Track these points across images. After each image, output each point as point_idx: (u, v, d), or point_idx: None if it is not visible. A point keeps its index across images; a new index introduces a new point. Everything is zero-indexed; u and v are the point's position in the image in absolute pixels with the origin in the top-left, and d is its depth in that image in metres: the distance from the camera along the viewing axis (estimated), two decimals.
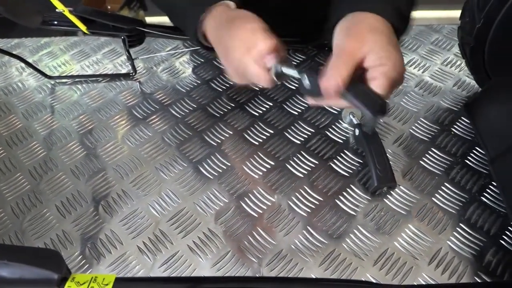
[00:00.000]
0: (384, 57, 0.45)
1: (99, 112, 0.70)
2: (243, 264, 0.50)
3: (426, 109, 0.67)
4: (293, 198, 0.56)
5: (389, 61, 0.45)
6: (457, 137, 0.62)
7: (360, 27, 0.47)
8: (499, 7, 0.52)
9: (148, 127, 0.67)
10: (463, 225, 0.52)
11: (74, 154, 0.63)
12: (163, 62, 0.79)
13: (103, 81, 0.76)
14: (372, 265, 0.49)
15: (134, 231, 0.53)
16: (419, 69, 0.74)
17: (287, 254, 0.50)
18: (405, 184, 0.57)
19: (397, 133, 0.63)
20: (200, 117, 0.68)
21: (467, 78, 0.70)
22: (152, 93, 0.73)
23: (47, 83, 0.76)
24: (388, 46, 0.45)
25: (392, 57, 0.45)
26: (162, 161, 0.61)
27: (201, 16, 0.55)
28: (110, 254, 0.51)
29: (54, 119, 0.69)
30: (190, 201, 0.56)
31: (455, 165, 0.59)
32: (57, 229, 0.54)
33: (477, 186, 0.56)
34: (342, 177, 0.58)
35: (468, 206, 0.54)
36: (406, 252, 0.50)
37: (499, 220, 0.52)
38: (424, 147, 0.61)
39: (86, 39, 0.85)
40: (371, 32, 0.46)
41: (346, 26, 0.48)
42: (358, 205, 0.55)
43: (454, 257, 0.49)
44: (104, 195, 0.58)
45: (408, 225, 0.52)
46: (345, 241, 0.51)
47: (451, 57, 0.76)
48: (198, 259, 0.50)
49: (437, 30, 0.82)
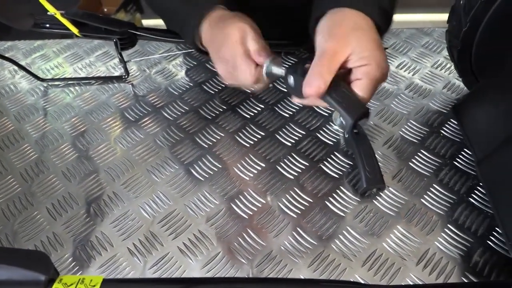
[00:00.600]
0: (367, 57, 0.45)
1: (92, 114, 0.70)
2: (233, 265, 0.50)
3: (416, 111, 0.67)
4: (283, 199, 0.56)
5: (372, 61, 0.45)
6: (446, 139, 0.63)
7: (342, 27, 0.47)
8: (485, 11, 0.53)
9: (140, 130, 0.67)
10: (451, 226, 0.53)
11: (66, 156, 0.64)
12: (156, 64, 0.80)
13: (96, 84, 0.76)
14: (360, 266, 0.49)
15: (125, 233, 0.54)
16: (410, 71, 0.74)
17: (277, 255, 0.51)
18: (395, 185, 0.57)
19: (387, 135, 0.64)
20: (192, 119, 0.68)
21: (457, 81, 0.71)
22: (144, 96, 0.73)
23: (40, 85, 0.76)
24: (371, 46, 0.45)
25: (375, 57, 0.45)
26: (153, 163, 0.62)
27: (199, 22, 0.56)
28: (101, 256, 0.51)
29: (46, 121, 0.70)
30: (181, 203, 0.57)
31: (444, 166, 0.59)
32: (48, 231, 0.54)
33: (465, 188, 0.56)
34: (332, 178, 0.58)
35: (456, 207, 0.54)
36: (394, 253, 0.50)
37: (486, 221, 0.53)
38: (414, 149, 0.62)
39: (79, 42, 0.85)
40: (353, 32, 0.46)
41: (328, 25, 0.48)
42: (348, 207, 0.55)
43: (442, 257, 0.50)
44: (95, 197, 0.58)
45: (396, 226, 0.53)
46: (335, 242, 0.52)
47: (441, 60, 0.76)
48: (188, 261, 0.51)
49: (428, 33, 0.83)
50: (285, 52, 0.79)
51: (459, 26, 0.57)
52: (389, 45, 0.80)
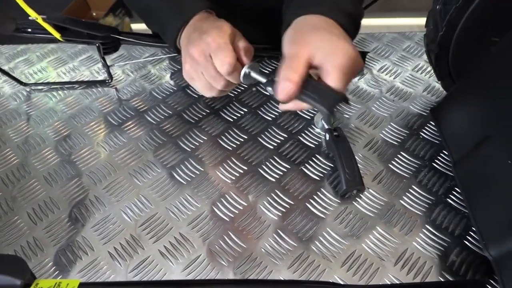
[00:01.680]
0: (331, 49, 0.45)
1: (75, 118, 0.70)
2: (213, 267, 0.50)
3: (396, 114, 0.68)
4: (265, 202, 0.57)
5: (338, 51, 0.45)
6: (425, 141, 0.64)
7: (303, 31, 0.48)
8: (459, 16, 0.54)
9: (123, 134, 0.67)
10: (429, 226, 0.53)
11: (48, 160, 0.63)
12: (140, 69, 0.80)
13: (79, 88, 0.76)
14: (340, 267, 0.50)
15: (106, 236, 0.54)
16: (391, 75, 0.76)
17: (257, 257, 0.51)
18: (374, 187, 0.58)
19: (368, 137, 0.65)
20: (175, 123, 0.68)
21: (436, 84, 0.72)
22: (128, 100, 0.73)
23: (23, 90, 0.76)
24: (332, 38, 0.46)
25: (339, 46, 0.45)
26: (136, 167, 0.62)
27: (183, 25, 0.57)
28: (81, 260, 0.51)
29: (28, 126, 0.69)
30: (162, 206, 0.57)
31: (423, 168, 0.60)
32: (28, 236, 0.54)
33: (443, 189, 0.57)
34: (313, 181, 0.59)
35: (434, 207, 0.55)
36: (373, 253, 0.51)
37: (463, 221, 0.54)
38: (394, 151, 0.63)
39: (63, 47, 0.85)
40: (313, 32, 0.47)
41: (290, 34, 0.49)
42: (328, 208, 0.56)
43: (419, 257, 0.51)
44: (77, 201, 0.58)
45: (376, 227, 0.54)
46: (315, 243, 0.52)
47: (421, 63, 0.78)
48: (169, 264, 0.51)
49: (409, 37, 0.84)
50: (268, 56, 0.80)
51: (436, 31, 0.58)
52: (371, 49, 0.81)
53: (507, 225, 0.43)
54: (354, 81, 0.75)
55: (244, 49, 0.53)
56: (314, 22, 0.48)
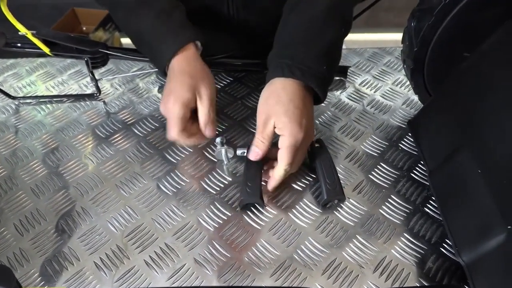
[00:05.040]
0: (281, 128, 0.56)
1: (63, 131, 0.71)
2: (197, 276, 0.51)
3: (376, 126, 0.71)
4: (248, 212, 0.58)
5: (285, 131, 0.55)
6: (404, 152, 0.66)
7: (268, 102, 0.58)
8: (432, 33, 0.57)
9: (110, 146, 0.68)
10: (407, 234, 0.55)
11: (36, 172, 0.64)
12: (128, 82, 0.82)
13: (68, 102, 0.77)
14: (320, 275, 0.51)
15: (92, 247, 0.54)
16: (372, 89, 0.78)
17: (241, 265, 0.52)
18: (355, 197, 0.60)
19: (348, 149, 0.67)
20: (162, 135, 0.70)
21: (415, 97, 0.75)
22: (116, 113, 0.75)
23: (11, 103, 0.77)
24: (286, 119, 0.55)
25: (288, 128, 0.55)
26: (122, 178, 0.63)
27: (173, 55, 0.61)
28: (67, 271, 0.52)
29: (17, 139, 0.70)
30: (148, 217, 0.58)
31: (401, 178, 0.62)
32: (14, 247, 0.55)
33: (420, 198, 0.60)
34: (295, 191, 0.61)
35: (412, 216, 0.57)
36: (353, 261, 0.53)
37: (439, 229, 0.56)
38: (374, 162, 0.65)
39: (52, 61, 0.87)
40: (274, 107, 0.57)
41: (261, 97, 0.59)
42: (310, 218, 0.57)
43: (397, 264, 0.52)
44: (63, 213, 0.59)
45: (356, 235, 0.55)
46: (297, 252, 0.54)
47: (401, 77, 0.81)
48: (154, 273, 0.52)
49: (390, 52, 0.88)
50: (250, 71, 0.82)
51: (411, 47, 0.61)
52: (352, 64, 0.84)
53: (478, 232, 0.45)
54: (337, 94, 0.77)
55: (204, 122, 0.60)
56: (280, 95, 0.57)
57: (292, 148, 0.56)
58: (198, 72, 0.61)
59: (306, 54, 0.58)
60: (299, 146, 0.57)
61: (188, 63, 0.61)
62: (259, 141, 0.58)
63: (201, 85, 0.59)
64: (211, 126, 0.60)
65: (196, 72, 0.60)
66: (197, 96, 0.59)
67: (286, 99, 0.56)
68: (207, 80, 0.61)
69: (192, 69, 0.60)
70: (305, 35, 0.59)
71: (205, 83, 0.60)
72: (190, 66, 0.61)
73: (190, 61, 0.61)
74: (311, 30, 0.59)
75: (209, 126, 0.60)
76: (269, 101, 0.58)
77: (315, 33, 0.59)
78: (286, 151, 0.56)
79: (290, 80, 0.57)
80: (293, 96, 0.57)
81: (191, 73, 0.60)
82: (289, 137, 0.55)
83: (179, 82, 0.59)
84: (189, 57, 0.62)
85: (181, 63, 0.61)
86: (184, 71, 0.60)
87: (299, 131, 0.55)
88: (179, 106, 0.57)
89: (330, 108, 0.75)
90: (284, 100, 0.56)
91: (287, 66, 0.57)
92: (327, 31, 0.59)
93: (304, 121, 0.56)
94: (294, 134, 0.55)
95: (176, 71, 0.60)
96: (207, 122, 0.60)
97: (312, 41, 0.59)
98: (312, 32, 0.59)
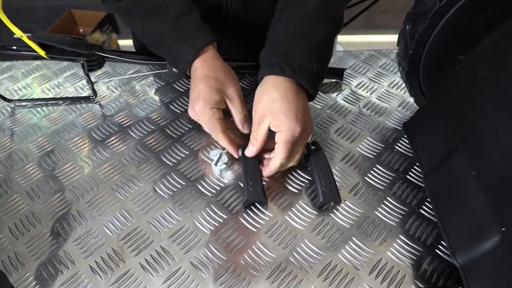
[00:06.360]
0: (278, 125, 0.56)
1: (58, 134, 0.71)
2: (193, 279, 0.51)
3: (372, 128, 0.71)
4: (245, 215, 0.58)
5: (282, 127, 0.56)
6: (399, 154, 0.66)
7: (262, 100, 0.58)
8: (427, 35, 0.57)
9: (106, 149, 0.68)
10: (403, 236, 0.56)
11: (31, 176, 0.64)
12: (124, 85, 0.81)
13: (64, 104, 0.77)
14: (316, 277, 0.52)
15: (87, 250, 0.54)
16: (368, 91, 0.79)
17: (237, 268, 0.52)
18: (351, 199, 0.60)
19: (344, 151, 0.67)
20: (158, 138, 0.70)
21: (411, 99, 0.76)
22: (112, 116, 0.75)
23: (7, 106, 0.77)
24: (281, 116, 0.56)
25: (285, 124, 0.56)
26: (118, 181, 0.63)
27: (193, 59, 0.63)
28: (62, 274, 0.52)
29: (12, 142, 0.70)
30: (144, 220, 0.58)
31: (397, 180, 0.63)
32: (9, 251, 0.54)
33: (416, 200, 0.60)
34: (291, 193, 0.61)
35: (407, 218, 0.58)
36: (349, 263, 0.53)
37: (435, 231, 0.56)
38: (370, 164, 0.65)
39: (48, 63, 0.87)
40: (268, 105, 0.57)
41: (255, 96, 0.60)
42: (306, 220, 0.58)
43: (393, 266, 0.53)
44: (59, 216, 0.58)
45: (352, 237, 0.56)
46: (292, 254, 0.54)
47: (397, 79, 0.81)
48: (150, 277, 0.52)
49: (386, 55, 0.88)
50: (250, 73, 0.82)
51: (406, 49, 0.61)
52: (348, 66, 0.84)
53: (472, 234, 0.45)
54: (333, 96, 0.78)
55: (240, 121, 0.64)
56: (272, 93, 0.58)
57: (288, 142, 0.56)
58: (222, 73, 0.63)
59: (296, 52, 0.58)
60: (297, 140, 0.57)
61: (210, 65, 0.63)
62: (254, 139, 0.60)
63: (228, 87, 0.62)
64: (247, 122, 0.64)
65: (220, 73, 0.63)
66: (225, 98, 0.62)
67: (278, 96, 0.57)
68: (231, 80, 0.63)
69: (216, 71, 0.63)
70: (296, 33, 0.60)
71: (231, 83, 0.63)
72: (213, 68, 0.63)
73: (213, 62, 0.64)
74: (302, 28, 0.60)
75: (246, 123, 0.64)
76: (262, 99, 0.58)
77: (306, 31, 0.60)
78: (282, 145, 0.57)
79: (281, 77, 0.58)
80: (286, 93, 0.57)
81: (216, 75, 0.62)
82: (286, 132, 0.56)
83: (206, 86, 0.61)
84: (210, 58, 0.64)
85: (204, 65, 0.63)
86: (209, 75, 0.62)
87: (296, 125, 0.56)
88: (210, 109, 0.61)
89: (326, 110, 0.75)
90: (277, 98, 0.57)
91: (277, 64, 0.58)
92: (318, 29, 0.60)
93: (300, 115, 0.57)
94: (291, 129, 0.56)
95: (200, 74, 0.63)
96: (242, 120, 0.64)
97: (303, 38, 0.59)
98: (303, 30, 0.60)
